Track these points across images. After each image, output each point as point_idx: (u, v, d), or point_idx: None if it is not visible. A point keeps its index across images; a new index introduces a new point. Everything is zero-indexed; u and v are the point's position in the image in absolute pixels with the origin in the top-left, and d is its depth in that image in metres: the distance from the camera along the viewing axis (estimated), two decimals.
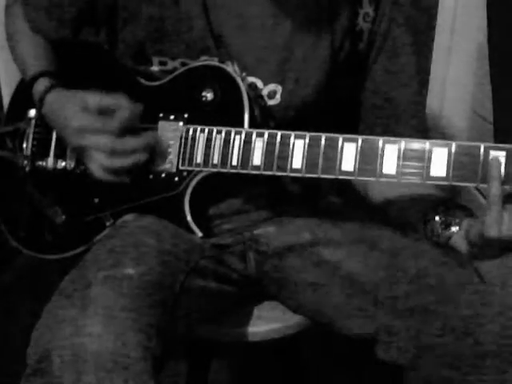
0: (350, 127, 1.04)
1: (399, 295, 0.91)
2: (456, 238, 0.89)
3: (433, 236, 0.92)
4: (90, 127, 0.92)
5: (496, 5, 1.73)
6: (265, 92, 1.00)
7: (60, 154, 1.06)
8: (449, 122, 2.04)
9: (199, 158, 0.95)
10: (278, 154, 0.90)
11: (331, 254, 1.00)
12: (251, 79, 0.99)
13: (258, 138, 0.91)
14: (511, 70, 1.63)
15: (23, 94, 1.11)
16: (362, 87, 1.05)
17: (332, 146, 0.87)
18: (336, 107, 1.05)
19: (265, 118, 0.98)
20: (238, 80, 0.95)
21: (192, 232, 0.96)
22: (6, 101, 1.20)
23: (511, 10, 1.64)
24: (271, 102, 1.00)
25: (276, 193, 1.07)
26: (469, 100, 1.99)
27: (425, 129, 1.08)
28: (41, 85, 1.02)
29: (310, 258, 1.02)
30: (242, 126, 0.93)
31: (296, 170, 0.89)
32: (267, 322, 1.06)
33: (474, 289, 0.86)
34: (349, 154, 0.86)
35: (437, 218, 0.92)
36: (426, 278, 0.90)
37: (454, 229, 0.90)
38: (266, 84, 0.99)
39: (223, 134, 0.93)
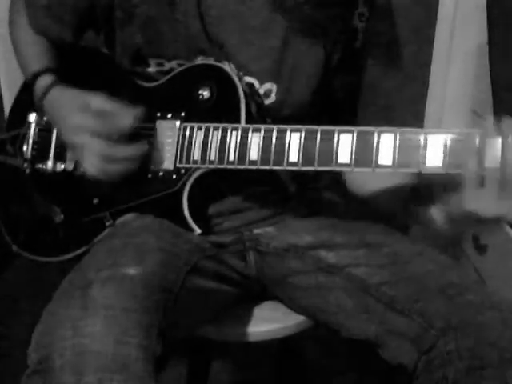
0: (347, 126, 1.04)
1: (402, 296, 0.91)
2: (433, 210, 0.87)
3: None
4: (87, 127, 0.92)
5: (496, 5, 1.73)
6: (261, 91, 1.00)
7: (59, 157, 1.06)
8: (449, 121, 2.04)
9: (196, 155, 0.95)
10: (274, 149, 0.90)
11: (332, 256, 1.00)
12: (247, 79, 0.99)
13: (255, 134, 0.91)
14: (511, 70, 1.63)
15: (24, 101, 1.12)
16: (357, 85, 1.05)
17: (328, 138, 0.87)
18: (332, 106, 1.05)
19: (261, 116, 0.98)
20: (234, 77, 0.95)
21: (191, 229, 0.96)
22: (7, 104, 1.20)
23: (511, 10, 1.65)
24: (267, 101, 1.00)
25: (276, 191, 1.07)
26: (469, 100, 2.00)
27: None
28: (44, 80, 1.03)
29: (310, 260, 1.02)
30: (238, 122, 0.93)
31: (293, 164, 0.89)
32: (267, 322, 1.06)
33: (476, 290, 0.86)
34: (345, 146, 0.86)
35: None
36: (429, 279, 0.90)
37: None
38: (261, 83, 0.99)
39: (220, 131, 0.93)
